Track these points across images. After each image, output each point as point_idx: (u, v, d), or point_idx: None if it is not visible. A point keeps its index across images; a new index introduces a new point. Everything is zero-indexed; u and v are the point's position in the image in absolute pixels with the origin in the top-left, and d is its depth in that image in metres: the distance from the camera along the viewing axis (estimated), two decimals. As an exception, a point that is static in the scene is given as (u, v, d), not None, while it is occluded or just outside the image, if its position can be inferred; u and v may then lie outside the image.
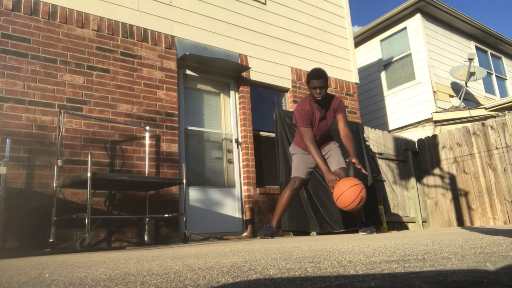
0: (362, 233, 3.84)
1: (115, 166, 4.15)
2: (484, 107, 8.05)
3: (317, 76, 3.72)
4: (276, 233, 4.11)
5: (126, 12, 4.64)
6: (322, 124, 3.94)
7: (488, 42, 10.78)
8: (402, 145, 7.21)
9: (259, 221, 5.02)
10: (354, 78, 6.84)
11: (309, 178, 4.17)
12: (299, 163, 4.06)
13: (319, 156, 3.75)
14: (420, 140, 7.43)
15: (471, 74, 8.80)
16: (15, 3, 3.94)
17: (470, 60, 8.63)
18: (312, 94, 3.81)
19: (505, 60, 11.31)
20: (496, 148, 6.26)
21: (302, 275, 0.96)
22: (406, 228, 6.79)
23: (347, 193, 3.42)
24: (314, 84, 3.73)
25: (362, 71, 10.02)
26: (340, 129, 3.92)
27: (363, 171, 3.69)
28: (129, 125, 4.32)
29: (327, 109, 3.92)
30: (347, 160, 3.84)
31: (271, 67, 5.77)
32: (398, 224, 6.66)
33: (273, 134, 5.61)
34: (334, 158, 3.98)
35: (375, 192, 5.80)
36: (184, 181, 3.96)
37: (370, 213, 5.58)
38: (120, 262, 1.66)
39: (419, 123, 8.67)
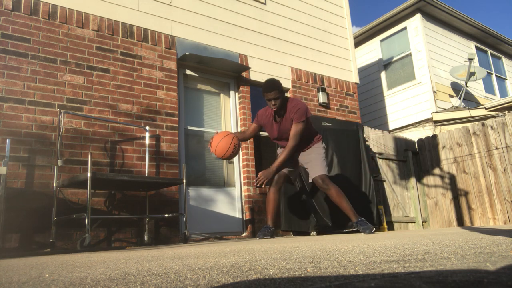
0: (362, 232, 3.85)
1: (115, 166, 4.15)
2: (484, 107, 8.05)
3: (269, 89, 3.75)
4: (274, 232, 4.10)
5: (126, 12, 4.64)
6: (283, 129, 3.96)
7: (488, 42, 10.78)
8: (402, 145, 7.22)
9: (259, 221, 5.02)
10: (354, 78, 6.84)
11: (293, 173, 4.17)
12: None
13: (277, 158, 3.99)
14: (420, 140, 7.43)
15: (471, 74, 8.81)
16: (15, 3, 3.94)
17: (470, 60, 8.63)
18: (268, 105, 3.90)
19: (505, 60, 11.31)
20: (496, 148, 6.26)
21: (302, 275, 0.96)
22: (406, 228, 6.79)
23: (221, 143, 3.78)
24: (267, 96, 3.79)
25: (362, 71, 10.02)
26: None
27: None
28: (129, 125, 4.32)
29: (285, 115, 3.93)
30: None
31: (271, 67, 5.77)
32: (398, 224, 6.66)
33: (273, 134, 5.61)
34: (312, 167, 4.00)
35: (372, 192, 5.80)
36: (184, 181, 3.96)
37: (368, 213, 5.58)
38: (120, 262, 1.66)
39: (419, 123, 8.67)
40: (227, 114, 5.43)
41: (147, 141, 4.37)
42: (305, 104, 3.93)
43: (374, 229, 3.86)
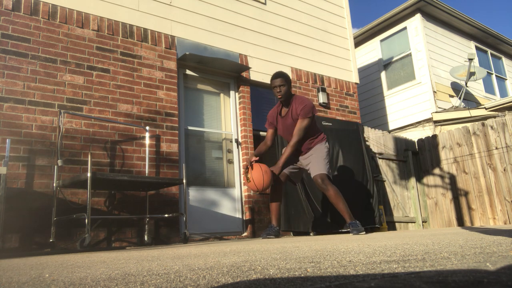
0: (351, 233, 3.83)
1: (115, 166, 4.15)
2: (484, 107, 8.05)
3: (275, 76, 3.94)
4: (279, 232, 4.11)
5: (126, 12, 4.64)
6: (287, 124, 3.99)
7: (488, 42, 10.78)
8: (402, 145, 7.21)
9: (259, 221, 5.02)
10: (354, 78, 6.84)
11: (296, 175, 4.22)
12: None
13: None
14: (420, 140, 7.43)
15: (471, 74, 8.80)
16: (15, 3, 3.94)
17: (470, 60, 8.63)
18: (274, 94, 4.00)
19: (505, 60, 11.31)
20: (496, 148, 6.26)
21: (302, 275, 0.96)
22: (406, 228, 6.79)
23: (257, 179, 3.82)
24: (273, 83, 3.94)
25: (362, 71, 10.02)
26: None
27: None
28: (129, 125, 4.32)
29: (291, 110, 3.97)
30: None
31: (271, 67, 5.77)
32: (398, 224, 6.66)
33: (273, 134, 5.60)
34: (313, 166, 4.00)
35: (372, 192, 5.80)
36: (184, 181, 3.96)
37: (368, 212, 5.58)
38: (120, 262, 1.66)
39: (419, 123, 8.67)
40: (227, 114, 5.43)
41: (147, 141, 4.37)
42: (312, 101, 3.95)
43: (363, 232, 3.82)
